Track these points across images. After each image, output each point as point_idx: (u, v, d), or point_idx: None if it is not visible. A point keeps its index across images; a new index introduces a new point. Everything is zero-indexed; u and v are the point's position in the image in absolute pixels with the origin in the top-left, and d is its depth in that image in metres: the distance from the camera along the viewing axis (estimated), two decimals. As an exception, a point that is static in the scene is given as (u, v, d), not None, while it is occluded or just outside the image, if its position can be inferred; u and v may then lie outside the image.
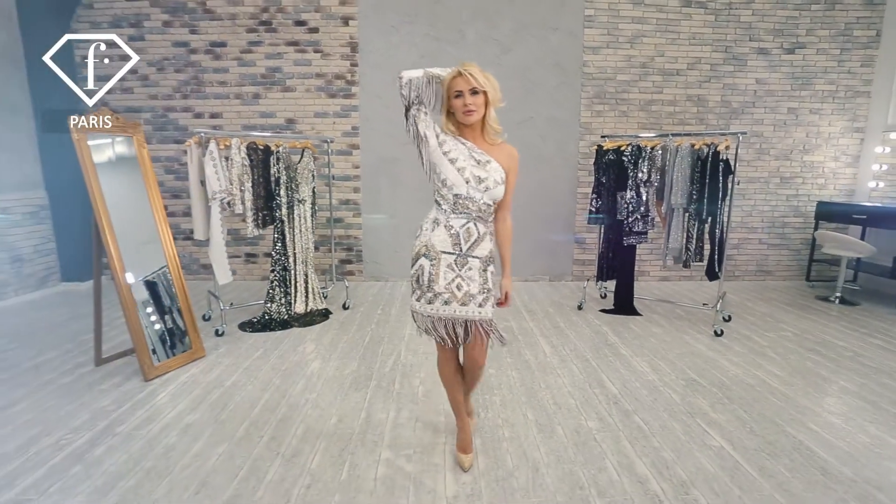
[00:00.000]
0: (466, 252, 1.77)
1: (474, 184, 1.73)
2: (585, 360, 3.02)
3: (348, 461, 1.98)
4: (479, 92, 1.67)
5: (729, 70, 4.85)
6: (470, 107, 1.67)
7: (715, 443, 2.11)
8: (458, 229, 1.76)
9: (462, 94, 1.67)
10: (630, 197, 3.70)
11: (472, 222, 1.77)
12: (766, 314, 4.00)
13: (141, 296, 2.88)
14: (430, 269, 1.76)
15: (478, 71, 1.67)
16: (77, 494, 1.78)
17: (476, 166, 1.74)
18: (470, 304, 1.76)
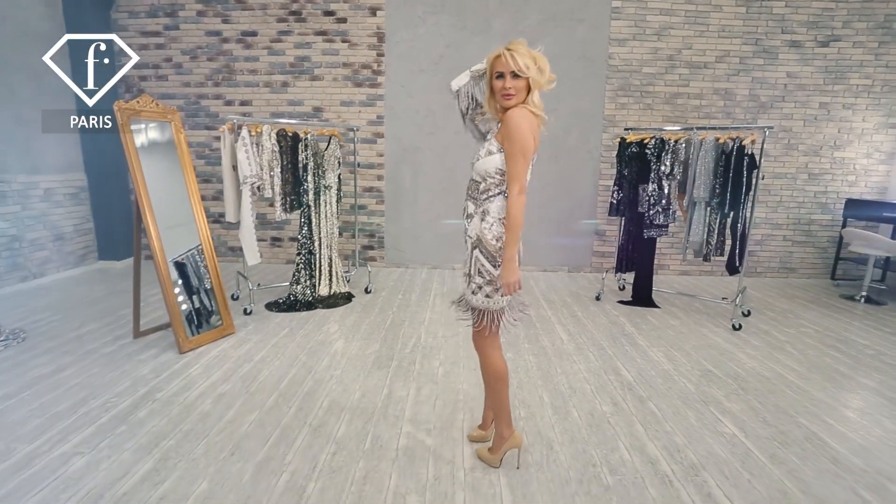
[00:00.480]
0: (467, 231, 1.74)
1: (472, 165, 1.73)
2: (601, 349, 3.07)
3: (371, 432, 2.09)
4: (520, 75, 1.56)
5: (759, 63, 4.77)
6: (510, 91, 1.58)
7: (727, 430, 2.15)
8: None
9: (503, 76, 1.58)
10: (652, 190, 3.71)
11: (467, 200, 1.75)
12: (787, 310, 3.98)
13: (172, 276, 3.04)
14: None
15: (523, 52, 1.56)
16: (124, 450, 1.93)
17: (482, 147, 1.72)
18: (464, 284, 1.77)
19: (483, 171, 1.67)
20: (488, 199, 1.68)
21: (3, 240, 4.05)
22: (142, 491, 1.71)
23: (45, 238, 4.43)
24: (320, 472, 1.82)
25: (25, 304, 3.71)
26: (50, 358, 2.78)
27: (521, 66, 1.55)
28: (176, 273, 3.05)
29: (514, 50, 1.57)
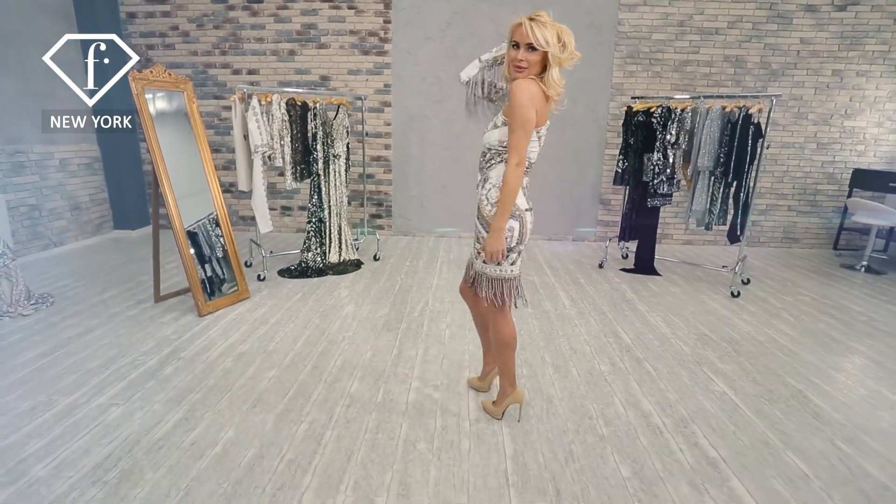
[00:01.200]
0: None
1: None
2: (602, 314, 3.19)
3: (382, 388, 2.24)
4: (537, 48, 1.51)
5: (772, 29, 4.67)
6: (521, 63, 1.54)
7: (718, 388, 2.28)
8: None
9: (518, 47, 1.55)
10: (657, 159, 3.74)
11: (479, 170, 1.79)
12: (787, 279, 4.06)
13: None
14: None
15: (546, 24, 1.51)
16: (155, 402, 2.10)
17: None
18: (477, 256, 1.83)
19: (487, 142, 1.71)
20: (490, 167, 1.73)
21: (24, 209, 4.19)
22: (175, 437, 1.87)
23: (63, 208, 4.56)
24: (336, 422, 1.98)
25: (49, 271, 3.88)
26: (79, 320, 2.94)
27: (538, 38, 1.50)
28: (192, 240, 3.18)
29: (537, 20, 1.52)
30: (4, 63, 3.98)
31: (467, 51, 4.77)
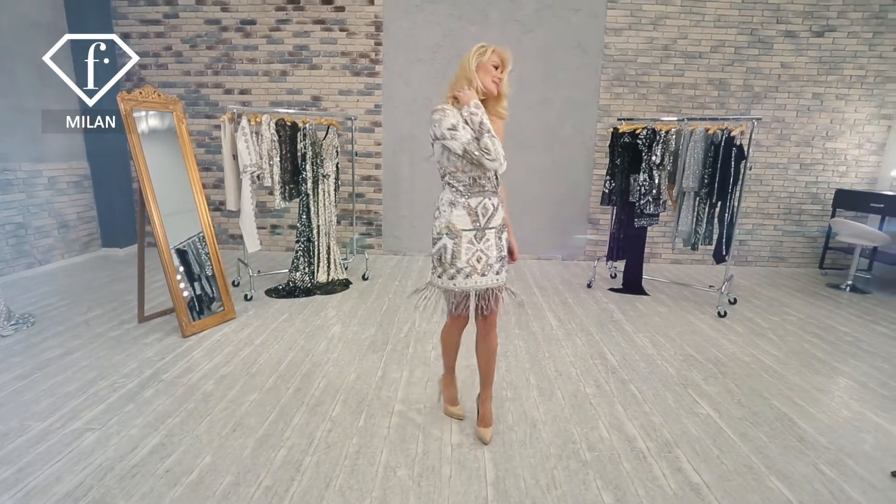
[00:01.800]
0: (484, 226, 1.86)
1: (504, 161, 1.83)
2: (589, 334, 3.19)
3: (365, 411, 2.21)
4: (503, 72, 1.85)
5: (753, 53, 4.80)
6: (499, 81, 1.84)
7: (703, 411, 2.27)
8: (475, 207, 1.85)
9: (500, 67, 1.84)
10: (643, 179, 3.79)
11: (487, 198, 1.86)
12: (773, 299, 4.09)
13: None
14: (453, 247, 1.85)
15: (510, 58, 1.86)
16: (132, 427, 2.06)
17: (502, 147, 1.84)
18: (489, 273, 1.88)
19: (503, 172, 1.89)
20: None
21: (10, 227, 4.15)
22: (150, 463, 1.83)
23: (50, 226, 4.53)
24: (316, 447, 1.95)
25: (33, 290, 3.83)
26: (59, 341, 2.90)
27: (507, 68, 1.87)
28: (178, 260, 3.16)
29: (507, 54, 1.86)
30: (-6, 83, 3.99)
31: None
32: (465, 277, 1.87)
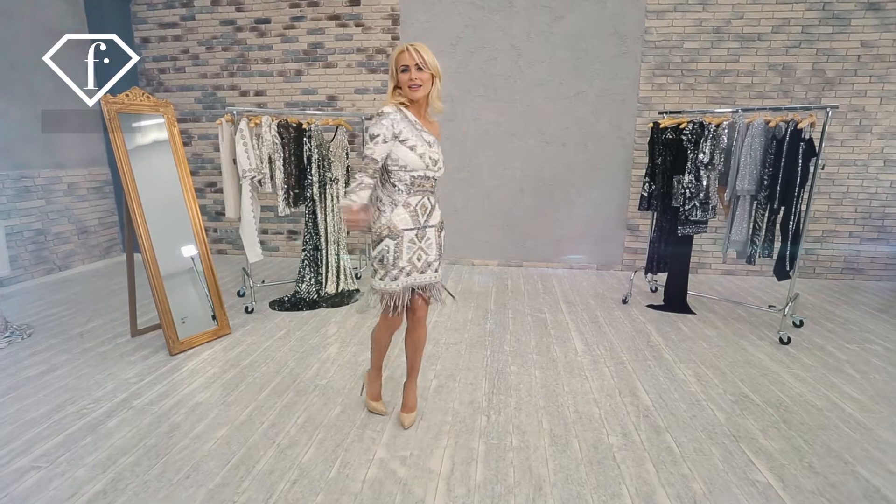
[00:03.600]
0: (424, 224, 1.89)
1: (431, 165, 1.83)
2: (620, 363, 2.72)
3: (340, 458, 1.89)
4: (423, 69, 1.71)
5: (826, 32, 4.12)
6: (416, 81, 1.72)
7: (760, 478, 1.79)
8: (415, 206, 1.86)
9: (408, 69, 1.72)
10: (688, 181, 3.27)
11: (426, 197, 1.88)
12: (850, 321, 3.43)
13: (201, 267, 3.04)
14: (395, 247, 1.84)
15: (423, 49, 1.73)
16: (81, 466, 1.83)
17: (429, 147, 1.82)
18: (427, 271, 1.94)
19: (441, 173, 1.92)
20: None
21: (29, 233, 4.16)
22: (84, 517, 1.59)
23: (70, 231, 4.53)
24: (274, 506, 1.64)
25: (45, 298, 3.79)
26: (47, 356, 2.77)
27: (425, 59, 1.71)
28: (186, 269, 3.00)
29: (417, 45, 1.73)
30: (11, 91, 4.00)
31: (479, 65, 4.47)
32: (406, 276, 1.89)
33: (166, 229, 2.93)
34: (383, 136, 1.73)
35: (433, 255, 1.94)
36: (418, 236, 1.88)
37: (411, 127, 1.78)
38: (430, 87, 1.77)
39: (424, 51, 1.73)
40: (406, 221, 1.85)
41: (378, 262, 1.87)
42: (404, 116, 1.77)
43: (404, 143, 1.76)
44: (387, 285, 1.86)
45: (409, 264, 1.88)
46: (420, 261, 1.91)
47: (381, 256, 1.85)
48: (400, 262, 1.86)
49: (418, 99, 1.77)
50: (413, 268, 1.90)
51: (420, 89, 1.74)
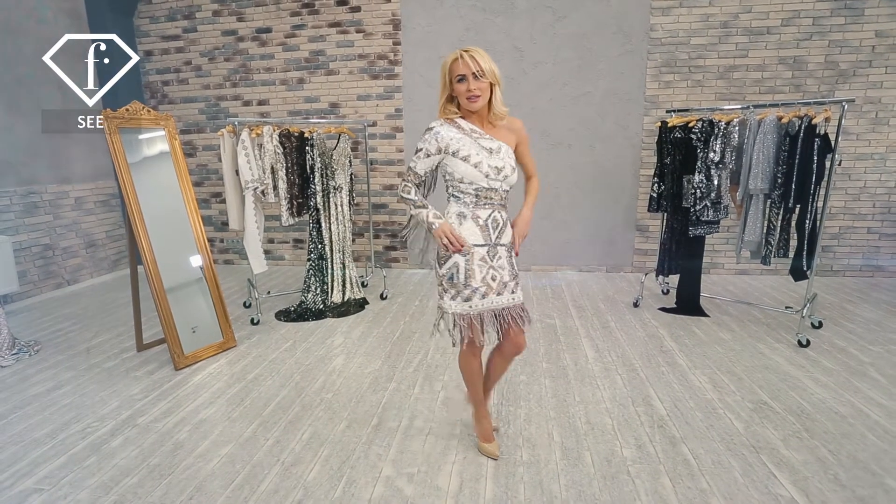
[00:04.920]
0: (496, 241, 1.74)
1: (493, 175, 1.67)
2: (633, 370, 2.65)
3: (346, 476, 1.84)
4: (479, 77, 1.58)
5: (838, 23, 4.01)
6: (475, 92, 1.59)
7: (784, 492, 1.70)
8: (485, 220, 1.72)
9: (465, 79, 1.59)
10: (699, 181, 3.18)
11: (496, 211, 1.73)
12: (872, 321, 3.32)
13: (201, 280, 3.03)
14: (465, 265, 1.70)
15: (480, 55, 1.58)
16: (84, 489, 1.80)
17: (490, 156, 1.67)
18: (504, 292, 1.75)
19: (512, 183, 1.73)
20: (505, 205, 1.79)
21: (37, 249, 4.19)
22: (85, 542, 1.56)
23: (78, 245, 4.56)
24: (277, 528, 1.59)
25: (53, 313, 3.81)
26: (53, 373, 2.76)
27: (482, 66, 1.57)
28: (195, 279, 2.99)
29: (474, 52, 1.59)
30: (17, 106, 4.03)
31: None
32: (482, 298, 1.72)
33: (171, 242, 2.92)
34: (426, 150, 1.68)
35: (507, 275, 1.75)
36: (490, 254, 1.72)
37: (465, 137, 1.67)
38: (489, 96, 1.63)
39: (481, 56, 1.57)
40: (476, 236, 1.70)
41: (448, 282, 1.73)
42: (457, 127, 1.68)
43: (456, 156, 1.65)
44: (458, 307, 1.72)
45: (484, 285, 1.71)
46: (495, 281, 1.73)
47: (451, 275, 1.71)
48: (473, 283, 1.70)
49: (477, 111, 1.66)
50: (489, 289, 1.72)
51: (479, 100, 1.61)
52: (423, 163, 1.70)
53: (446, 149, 1.67)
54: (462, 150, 1.66)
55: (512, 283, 1.76)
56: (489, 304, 1.73)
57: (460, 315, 1.73)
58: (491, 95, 1.64)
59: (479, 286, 1.71)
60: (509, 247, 1.78)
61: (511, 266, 1.78)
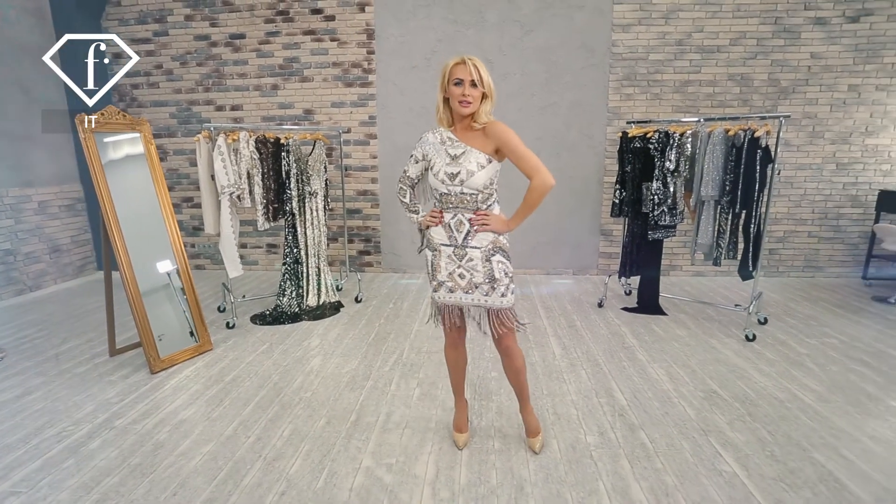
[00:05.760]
0: (463, 243, 1.83)
1: (448, 181, 1.77)
2: (597, 365, 2.83)
3: (328, 468, 1.93)
4: (477, 85, 1.68)
5: (779, 44, 4.37)
6: (468, 98, 1.68)
7: (727, 468, 1.90)
8: (449, 221, 1.83)
9: (462, 83, 1.68)
10: (656, 188, 3.42)
11: (460, 213, 1.82)
12: (810, 317, 3.63)
13: (178, 283, 3.04)
14: (433, 259, 1.89)
15: (481, 65, 1.68)
16: (64, 490, 1.82)
17: (449, 163, 1.77)
18: (474, 292, 1.84)
19: (480, 185, 1.76)
20: (490, 208, 1.83)
21: (-3, 254, 4.07)
22: (69, 539, 1.59)
23: (41, 251, 4.44)
24: (262, 518, 1.67)
25: (16, 320, 3.71)
26: (21, 380, 2.72)
27: (481, 76, 1.67)
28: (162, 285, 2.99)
29: (476, 61, 1.69)
30: (-22, 108, 3.92)
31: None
32: (448, 292, 1.88)
33: (143, 246, 2.92)
34: (415, 156, 1.89)
35: (479, 277, 1.82)
36: (456, 254, 1.84)
37: (437, 146, 1.82)
38: (479, 105, 1.72)
39: (482, 67, 1.67)
40: (441, 236, 1.85)
41: (427, 272, 1.95)
42: (438, 136, 1.83)
43: (429, 164, 1.85)
44: (436, 296, 1.91)
45: (451, 280, 1.85)
46: (463, 279, 1.84)
47: (426, 266, 1.94)
48: (439, 276, 1.87)
49: (466, 115, 1.74)
50: (456, 285, 1.85)
51: (470, 106, 1.70)
52: (413, 167, 1.92)
53: (426, 156, 1.86)
54: (432, 158, 1.83)
55: (486, 286, 1.81)
56: (456, 300, 1.87)
57: (436, 304, 1.94)
58: (480, 105, 1.73)
59: (445, 280, 1.86)
60: (487, 252, 1.81)
61: (488, 270, 1.81)
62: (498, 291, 1.81)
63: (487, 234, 1.82)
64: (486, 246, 1.81)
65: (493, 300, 1.83)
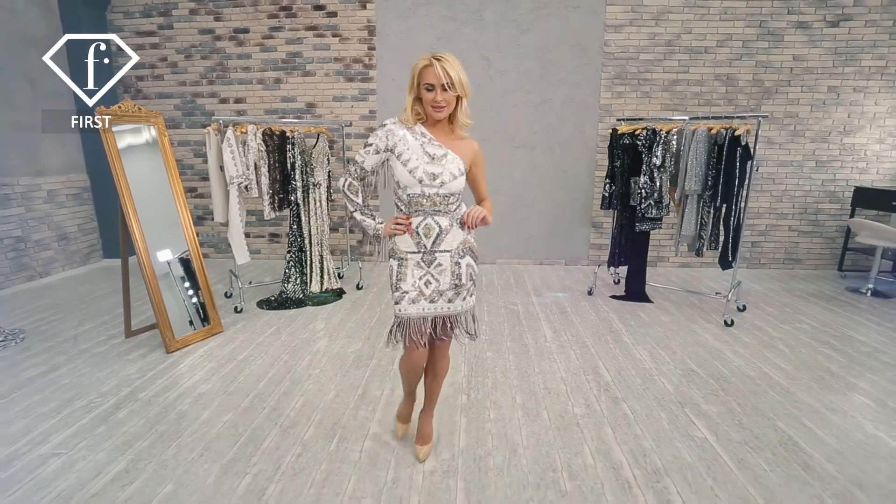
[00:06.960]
0: (432, 248, 1.71)
1: (428, 181, 1.65)
2: (585, 347, 3.04)
3: (339, 434, 2.12)
4: (450, 88, 1.57)
5: (763, 46, 4.57)
6: (440, 103, 1.59)
7: (699, 434, 2.12)
8: (416, 227, 1.70)
9: (433, 89, 1.57)
10: (644, 182, 3.62)
11: (429, 217, 1.69)
12: (787, 305, 3.86)
13: (178, 272, 3.17)
14: (398, 269, 1.74)
15: (451, 65, 1.55)
16: (100, 451, 2.00)
17: (430, 162, 1.66)
18: (439, 300, 1.73)
19: (452, 191, 1.69)
20: (454, 212, 1.75)
21: (9, 241, 4.19)
22: (110, 492, 1.77)
23: (50, 238, 4.57)
24: (282, 474, 1.86)
25: (29, 304, 3.85)
26: (45, 358, 2.88)
27: (453, 78, 1.56)
28: (182, 269, 3.15)
29: (446, 60, 1.56)
30: (-10, 99, 4.03)
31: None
32: (411, 302, 1.71)
33: (156, 235, 3.08)
34: (375, 146, 1.69)
35: (446, 283, 1.73)
36: (424, 261, 1.71)
37: (412, 140, 1.66)
38: (454, 107, 1.64)
39: (452, 66, 1.55)
40: (408, 244, 1.71)
41: (391, 284, 1.78)
42: (409, 129, 1.68)
43: (399, 158, 1.65)
44: (398, 309, 1.73)
45: (415, 290, 1.71)
46: (429, 288, 1.72)
47: (389, 276, 1.78)
48: (403, 285, 1.72)
49: (441, 120, 1.66)
50: (420, 294, 1.71)
51: (443, 111, 1.61)
52: (371, 158, 1.71)
53: (393, 148, 1.67)
54: (405, 154, 1.65)
55: (450, 293, 1.73)
56: (418, 310, 1.72)
57: (399, 318, 1.74)
58: (456, 106, 1.64)
59: (410, 290, 1.71)
60: (457, 254, 1.74)
61: (454, 277, 1.73)
62: (461, 296, 1.76)
63: (458, 235, 1.74)
64: (455, 248, 1.73)
65: (457, 306, 1.76)
